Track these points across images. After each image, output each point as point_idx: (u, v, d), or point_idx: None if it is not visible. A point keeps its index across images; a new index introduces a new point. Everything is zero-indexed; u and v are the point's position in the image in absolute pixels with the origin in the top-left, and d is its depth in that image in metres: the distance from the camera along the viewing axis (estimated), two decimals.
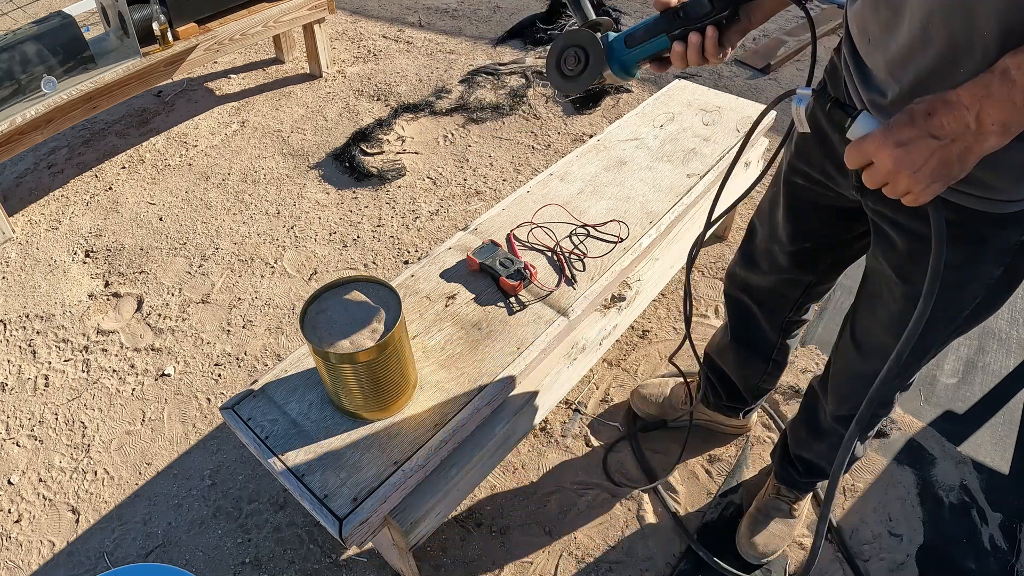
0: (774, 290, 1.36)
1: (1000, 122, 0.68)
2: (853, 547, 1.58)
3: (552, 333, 1.40)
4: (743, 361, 1.53)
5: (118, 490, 1.74)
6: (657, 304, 2.16)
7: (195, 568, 1.58)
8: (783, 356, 1.50)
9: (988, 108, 0.67)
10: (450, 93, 3.20)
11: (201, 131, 3.01)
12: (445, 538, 1.61)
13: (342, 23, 3.81)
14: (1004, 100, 0.67)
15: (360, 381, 1.15)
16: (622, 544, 1.60)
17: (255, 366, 2.03)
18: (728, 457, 1.76)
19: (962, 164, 0.71)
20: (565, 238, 1.60)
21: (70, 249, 2.44)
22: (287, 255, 2.39)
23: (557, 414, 1.87)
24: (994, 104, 0.67)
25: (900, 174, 0.72)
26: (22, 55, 2.27)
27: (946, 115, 0.69)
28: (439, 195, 2.63)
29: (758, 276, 1.37)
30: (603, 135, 1.96)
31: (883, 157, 0.72)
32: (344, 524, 1.10)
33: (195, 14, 2.66)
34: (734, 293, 1.46)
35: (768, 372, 1.52)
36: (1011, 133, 0.69)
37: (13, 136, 2.30)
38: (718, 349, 1.60)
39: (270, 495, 1.71)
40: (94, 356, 2.07)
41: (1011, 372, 1.95)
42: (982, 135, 0.69)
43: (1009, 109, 0.67)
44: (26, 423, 1.90)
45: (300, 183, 2.71)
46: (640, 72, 0.98)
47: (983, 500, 1.66)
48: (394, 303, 1.19)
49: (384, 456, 1.19)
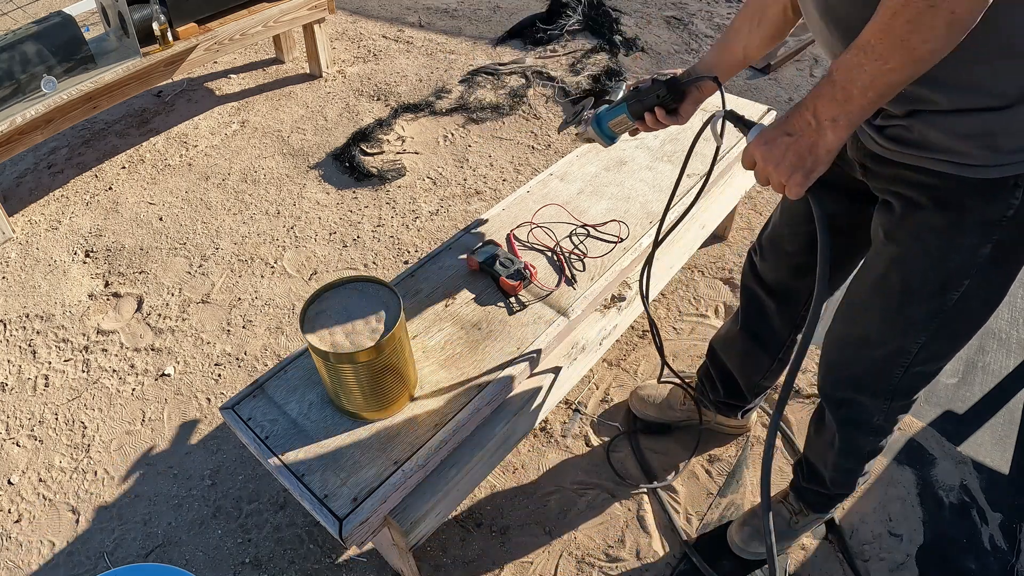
0: (789, 281, 1.36)
1: (830, 117, 0.82)
2: (853, 547, 1.58)
3: (552, 333, 1.40)
4: (749, 354, 1.52)
5: (118, 490, 1.74)
6: (657, 304, 2.16)
7: (195, 568, 1.58)
8: (789, 355, 1.49)
9: (820, 106, 0.83)
10: (450, 93, 3.20)
11: (201, 131, 3.01)
12: (445, 538, 1.61)
13: (342, 23, 3.81)
14: (829, 98, 0.82)
15: (360, 381, 1.15)
16: (622, 544, 1.60)
17: (255, 366, 2.03)
18: (728, 457, 1.76)
19: (814, 156, 0.86)
20: (565, 238, 1.60)
21: (70, 249, 2.44)
22: (287, 255, 2.39)
23: (557, 414, 1.87)
24: (823, 102, 0.82)
25: (768, 167, 0.90)
26: (22, 55, 2.27)
27: (795, 115, 0.86)
28: (439, 195, 2.63)
29: (773, 264, 1.37)
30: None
31: (757, 155, 0.91)
32: (344, 524, 1.10)
33: (195, 14, 2.66)
34: (749, 284, 1.46)
35: (771, 369, 1.52)
36: (842, 127, 0.82)
37: (13, 136, 2.30)
38: (724, 341, 1.58)
39: (270, 495, 1.71)
40: (94, 356, 2.07)
41: (1011, 372, 1.95)
42: (820, 129, 0.84)
43: (834, 105, 0.82)
44: (26, 423, 1.90)
45: (300, 183, 2.71)
46: (620, 137, 1.40)
47: (983, 500, 1.66)
48: (394, 303, 1.19)
49: (384, 456, 1.19)
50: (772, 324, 1.44)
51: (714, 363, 1.63)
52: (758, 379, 1.55)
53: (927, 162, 0.92)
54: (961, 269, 0.97)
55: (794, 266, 1.33)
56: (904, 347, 1.10)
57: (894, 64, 0.76)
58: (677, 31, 3.64)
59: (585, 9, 3.69)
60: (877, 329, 1.11)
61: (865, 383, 1.20)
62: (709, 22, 3.71)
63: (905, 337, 1.09)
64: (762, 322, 1.45)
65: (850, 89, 0.80)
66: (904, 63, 0.75)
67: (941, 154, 0.89)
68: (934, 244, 0.97)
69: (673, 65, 3.34)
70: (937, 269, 0.99)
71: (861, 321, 1.14)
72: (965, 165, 0.88)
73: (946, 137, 0.87)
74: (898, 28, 0.73)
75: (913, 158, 0.93)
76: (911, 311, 1.05)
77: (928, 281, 1.00)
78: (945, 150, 0.89)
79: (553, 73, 3.29)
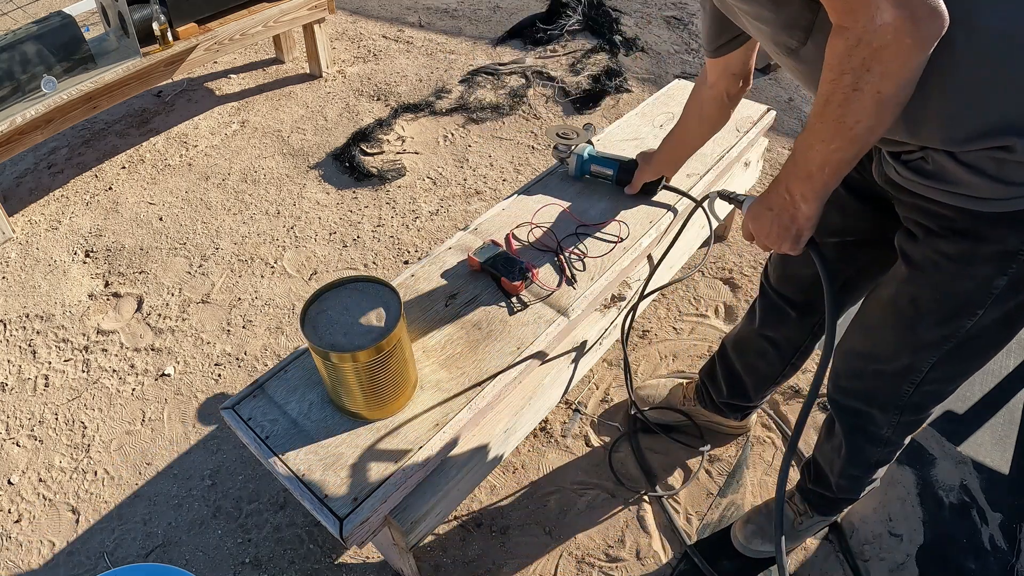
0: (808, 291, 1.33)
1: (799, 193, 0.90)
2: (853, 547, 1.58)
3: (552, 333, 1.40)
4: (763, 356, 1.49)
5: (118, 490, 1.74)
6: (657, 304, 2.16)
7: (195, 568, 1.58)
8: (803, 360, 1.48)
9: (790, 184, 0.91)
10: (450, 93, 3.20)
11: (201, 131, 3.01)
12: (445, 538, 1.61)
13: (342, 23, 3.81)
14: (795, 176, 0.90)
15: (360, 381, 1.15)
16: (622, 544, 1.60)
17: (255, 366, 2.03)
18: (728, 457, 1.76)
19: (796, 226, 0.96)
20: (565, 238, 1.60)
21: (70, 249, 2.44)
22: (287, 255, 2.39)
23: (557, 414, 1.87)
24: (792, 179, 0.90)
25: (760, 239, 1.03)
26: (22, 55, 2.27)
27: (772, 192, 0.96)
28: (439, 195, 2.63)
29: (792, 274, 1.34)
30: (603, 135, 1.96)
31: (748, 229, 1.04)
32: (344, 524, 1.10)
33: (195, 14, 2.66)
34: (769, 292, 1.42)
35: (783, 372, 1.51)
36: (810, 200, 0.90)
37: (13, 136, 2.30)
38: (737, 341, 1.55)
39: (270, 495, 1.71)
40: (94, 356, 2.07)
41: (1011, 372, 1.95)
42: (795, 203, 0.93)
43: (800, 183, 0.89)
44: (26, 423, 1.90)
45: (300, 183, 2.71)
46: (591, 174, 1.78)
47: (983, 500, 1.66)
48: (394, 303, 1.19)
49: (384, 456, 1.19)
50: (790, 330, 1.42)
51: (723, 362, 1.60)
52: (768, 382, 1.54)
53: (943, 195, 0.92)
54: (974, 298, 0.97)
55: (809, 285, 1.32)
56: (914, 365, 1.10)
57: (837, 144, 0.82)
58: (677, 31, 3.64)
59: (585, 9, 3.69)
60: (887, 345, 1.12)
61: (874, 396, 1.21)
62: None
63: (915, 356, 1.09)
64: (780, 327, 1.43)
65: (809, 168, 0.87)
66: (845, 143, 0.82)
67: (956, 187, 0.90)
68: (947, 271, 0.97)
69: (673, 65, 3.34)
70: (948, 295, 0.99)
71: (872, 336, 1.14)
72: (979, 199, 0.88)
73: (960, 170, 0.88)
74: (832, 113, 0.80)
75: (931, 190, 0.93)
76: (921, 332, 1.05)
77: (940, 305, 1.01)
78: (959, 183, 0.89)
79: (553, 73, 3.29)
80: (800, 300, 1.36)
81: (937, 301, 1.00)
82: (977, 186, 0.87)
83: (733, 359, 1.57)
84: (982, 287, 0.95)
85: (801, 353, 1.46)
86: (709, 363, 1.67)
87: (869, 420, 1.24)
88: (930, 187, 0.93)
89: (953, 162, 0.88)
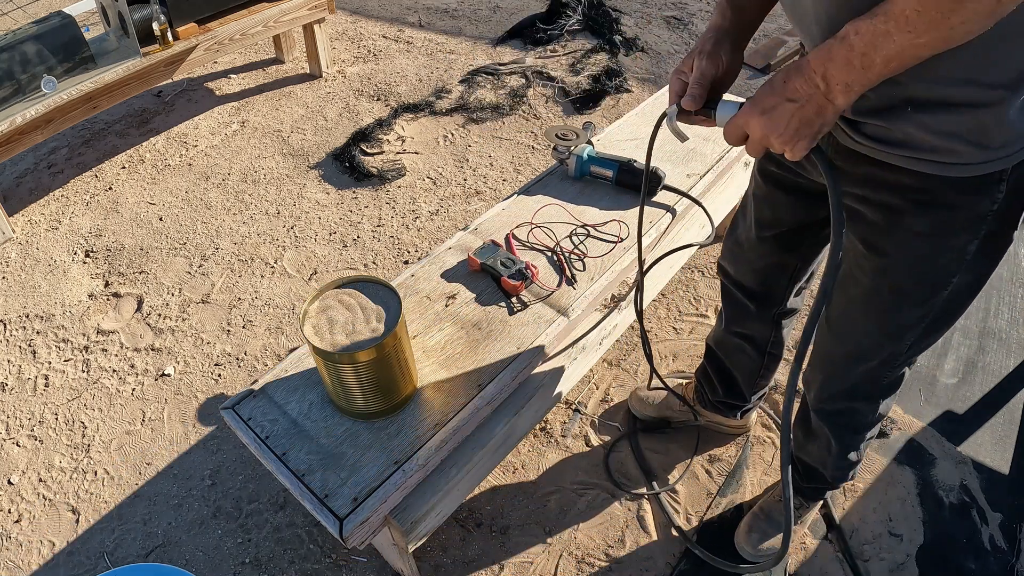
0: (762, 281, 1.36)
1: (843, 82, 0.76)
2: (853, 547, 1.58)
3: (552, 333, 1.40)
4: (741, 351, 1.52)
5: (118, 490, 1.74)
6: (657, 304, 2.16)
7: (195, 568, 1.58)
8: (778, 348, 1.50)
9: (832, 71, 0.76)
10: (450, 93, 3.20)
11: (201, 131, 3.01)
12: (445, 538, 1.61)
13: (342, 23, 3.80)
14: (844, 62, 0.75)
15: (360, 381, 1.15)
16: (622, 544, 1.60)
17: (255, 366, 2.03)
18: (728, 457, 1.76)
19: (822, 119, 0.80)
20: (565, 238, 1.60)
21: (70, 249, 2.44)
22: (287, 255, 2.39)
23: (557, 414, 1.87)
24: (837, 67, 0.76)
25: (770, 138, 0.82)
26: (22, 55, 2.26)
27: (798, 79, 0.79)
28: (439, 195, 2.63)
29: (744, 267, 1.37)
30: (603, 135, 1.96)
31: (753, 127, 0.83)
32: (344, 524, 1.10)
33: (195, 14, 2.65)
34: (730, 288, 1.46)
35: (765, 365, 1.53)
36: (854, 92, 0.77)
37: (13, 136, 2.30)
38: (716, 340, 1.59)
39: (270, 495, 1.71)
40: (94, 356, 2.07)
41: (1011, 372, 1.95)
42: (830, 94, 0.77)
43: (848, 70, 0.75)
44: (26, 423, 1.90)
45: (300, 183, 2.71)
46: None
47: (983, 500, 1.66)
48: (394, 303, 1.19)
49: (384, 456, 1.19)
50: (755, 324, 1.44)
51: (712, 362, 1.63)
52: (754, 376, 1.56)
53: (910, 162, 0.88)
54: (950, 267, 0.96)
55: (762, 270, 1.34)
56: (896, 350, 1.10)
57: (927, 40, 0.71)
58: (677, 31, 3.64)
59: (585, 9, 3.69)
60: (870, 342, 1.11)
61: (856, 391, 1.21)
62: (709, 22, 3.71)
63: (898, 342, 1.09)
64: (745, 322, 1.46)
65: (872, 57, 0.73)
66: (936, 40, 0.71)
67: (927, 153, 0.86)
68: (923, 249, 0.95)
69: (673, 65, 3.34)
70: (928, 273, 0.98)
71: (852, 337, 1.13)
72: (952, 164, 0.85)
73: (932, 136, 0.84)
74: (942, 5, 0.68)
75: (894, 157, 0.89)
76: (903, 318, 1.04)
77: (920, 286, 0.99)
78: (931, 149, 0.85)
79: (553, 73, 3.29)
80: (759, 290, 1.37)
81: (916, 282, 0.99)
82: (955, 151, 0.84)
83: (719, 358, 1.59)
84: (957, 255, 0.94)
85: (774, 343, 1.48)
86: (702, 366, 1.68)
87: (854, 413, 1.25)
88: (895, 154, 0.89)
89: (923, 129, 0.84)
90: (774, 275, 1.34)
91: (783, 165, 1.14)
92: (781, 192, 1.18)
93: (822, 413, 1.30)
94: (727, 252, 1.42)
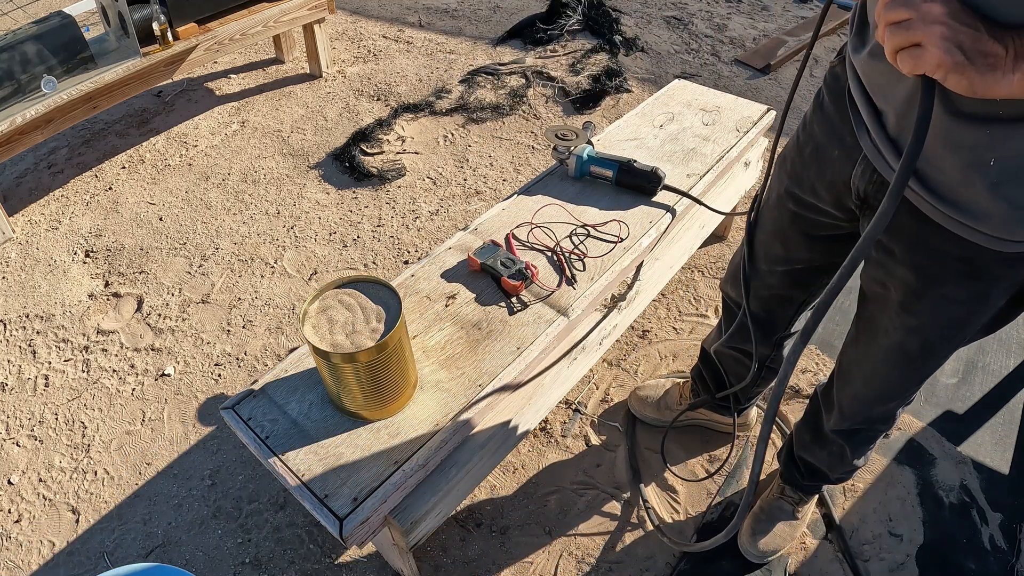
0: (767, 309, 1.35)
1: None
2: (853, 547, 1.58)
3: (552, 333, 1.40)
4: (739, 362, 1.53)
5: (118, 490, 1.74)
6: (657, 304, 2.16)
7: (195, 568, 1.58)
8: (778, 364, 1.50)
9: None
10: (450, 93, 3.20)
11: (201, 131, 3.01)
12: (445, 538, 1.61)
13: (342, 23, 3.80)
14: None
15: (360, 381, 1.15)
16: (622, 544, 1.60)
17: (255, 366, 2.03)
18: (728, 457, 1.76)
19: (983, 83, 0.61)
20: (565, 238, 1.60)
21: (70, 249, 2.44)
22: (287, 255, 2.39)
23: (557, 414, 1.87)
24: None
25: (927, 34, 0.61)
26: (22, 55, 2.26)
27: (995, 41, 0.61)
28: (439, 195, 2.63)
29: (749, 294, 1.36)
30: (603, 135, 1.96)
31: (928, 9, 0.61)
32: (344, 524, 1.10)
33: (195, 14, 2.65)
34: (732, 308, 1.45)
35: (762, 377, 1.53)
36: None
37: (13, 136, 2.30)
38: (715, 348, 1.58)
39: (270, 495, 1.71)
40: (94, 356, 2.07)
41: (1011, 372, 1.95)
42: (1015, 66, 0.60)
43: None
44: (26, 423, 1.90)
45: (300, 183, 2.71)
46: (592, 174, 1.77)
47: (983, 500, 1.66)
48: (394, 303, 1.19)
49: (384, 456, 1.19)
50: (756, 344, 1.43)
51: (707, 365, 1.63)
52: (750, 384, 1.55)
53: (967, 231, 0.80)
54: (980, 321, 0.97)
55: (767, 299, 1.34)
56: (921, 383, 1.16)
57: None
58: (677, 31, 3.64)
59: (585, 9, 3.69)
60: (898, 385, 1.14)
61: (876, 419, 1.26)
62: (709, 22, 3.71)
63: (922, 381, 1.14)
64: (747, 343, 1.45)
65: None
66: None
67: (993, 227, 0.77)
68: (958, 314, 0.95)
69: (673, 65, 3.34)
70: (958, 332, 0.99)
71: (881, 381, 1.16)
72: (1001, 240, 0.79)
73: (1009, 208, 0.74)
74: None
75: (951, 222, 0.80)
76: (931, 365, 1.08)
77: (950, 340, 1.01)
78: (1002, 222, 0.76)
79: (553, 73, 3.29)
80: (763, 317, 1.37)
81: (947, 338, 1.00)
82: (1011, 228, 0.76)
83: (716, 363, 1.59)
84: (989, 311, 0.96)
85: (774, 359, 1.48)
86: (696, 366, 1.69)
87: (872, 432, 1.31)
88: (954, 219, 0.79)
89: (999, 197, 0.74)
90: (780, 306, 1.34)
91: (803, 203, 1.10)
92: (797, 232, 1.16)
93: (843, 435, 1.32)
94: (731, 278, 1.41)
